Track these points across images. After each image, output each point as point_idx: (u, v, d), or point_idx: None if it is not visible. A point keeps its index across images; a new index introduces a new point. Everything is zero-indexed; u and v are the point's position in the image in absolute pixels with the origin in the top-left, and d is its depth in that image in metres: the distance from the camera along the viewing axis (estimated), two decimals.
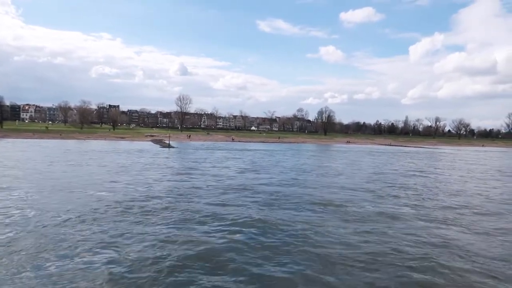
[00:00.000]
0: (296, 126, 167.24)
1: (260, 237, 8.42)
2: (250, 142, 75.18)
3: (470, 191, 16.68)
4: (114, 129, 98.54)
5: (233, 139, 77.22)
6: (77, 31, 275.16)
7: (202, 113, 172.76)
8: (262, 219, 9.94)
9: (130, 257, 6.94)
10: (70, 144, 49.98)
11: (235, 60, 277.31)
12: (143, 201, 12.03)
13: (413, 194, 15.00)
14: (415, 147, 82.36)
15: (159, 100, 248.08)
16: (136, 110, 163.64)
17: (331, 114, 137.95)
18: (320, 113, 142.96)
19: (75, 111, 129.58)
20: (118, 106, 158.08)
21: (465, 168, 29.59)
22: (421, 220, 10.49)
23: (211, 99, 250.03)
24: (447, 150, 70.08)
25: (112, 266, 6.54)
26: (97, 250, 7.29)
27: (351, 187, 16.39)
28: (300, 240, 8.26)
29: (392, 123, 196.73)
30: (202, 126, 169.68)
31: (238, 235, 8.53)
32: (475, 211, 12.06)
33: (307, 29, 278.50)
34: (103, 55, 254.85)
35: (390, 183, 18.44)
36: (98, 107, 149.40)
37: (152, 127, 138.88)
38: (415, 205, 12.73)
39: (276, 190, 15.06)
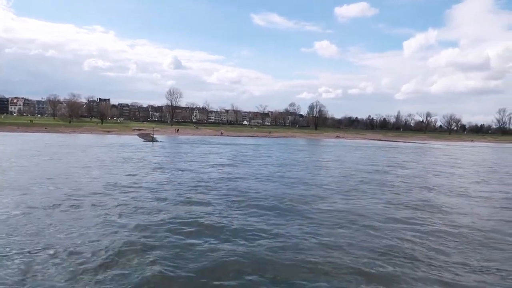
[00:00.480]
0: (288, 121, 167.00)
1: (195, 239, 8.04)
2: (239, 136, 74.74)
3: (443, 186, 16.45)
4: (102, 123, 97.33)
5: (221, 134, 76.68)
6: (70, 24, 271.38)
7: (194, 107, 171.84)
8: (206, 218, 9.57)
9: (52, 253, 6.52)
10: (53, 138, 49.12)
11: (229, 54, 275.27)
12: (98, 195, 11.57)
13: (380, 191, 14.70)
14: (404, 142, 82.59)
15: (152, 93, 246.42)
16: (127, 104, 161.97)
17: (322, 108, 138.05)
18: (311, 107, 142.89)
19: (64, 104, 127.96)
20: (108, 99, 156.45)
21: (445, 163, 29.50)
22: (379, 218, 10.19)
23: (205, 93, 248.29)
24: (435, 145, 70.36)
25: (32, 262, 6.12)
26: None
27: (318, 183, 16.08)
28: (237, 241, 7.89)
29: (384, 118, 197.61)
30: (193, 120, 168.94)
31: (165, 233, 8.12)
32: (434, 207, 11.80)
33: (301, 23, 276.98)
34: (96, 48, 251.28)
35: (363, 178, 18.17)
36: (88, 100, 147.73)
37: (143, 121, 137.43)
38: (376, 202, 12.44)
39: (244, 185, 14.70)
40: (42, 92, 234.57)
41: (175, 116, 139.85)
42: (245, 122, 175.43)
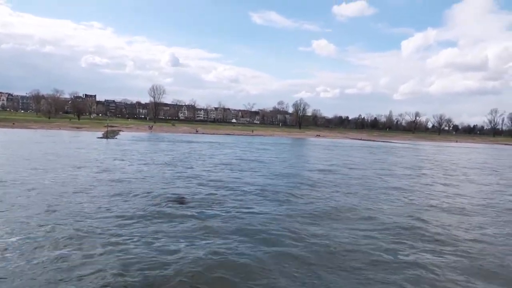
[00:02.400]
0: (277, 119, 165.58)
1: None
2: (214, 134, 73.06)
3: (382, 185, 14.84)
4: (79, 119, 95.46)
5: (197, 131, 75.01)
6: (67, 19, 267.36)
7: (182, 104, 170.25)
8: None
9: None
10: (9, 134, 47.39)
11: (227, 52, 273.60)
12: None
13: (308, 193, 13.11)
14: (385, 141, 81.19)
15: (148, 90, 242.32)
16: (113, 100, 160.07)
17: (306, 107, 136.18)
18: (295, 106, 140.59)
19: (49, 100, 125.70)
20: (94, 96, 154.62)
21: (398, 163, 27.91)
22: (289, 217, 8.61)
23: (202, 91, 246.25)
24: (413, 145, 68.93)
25: None
26: None
27: (211, 183, 14.49)
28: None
29: (375, 118, 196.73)
30: (181, 117, 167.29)
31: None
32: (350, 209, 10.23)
33: (300, 22, 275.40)
34: (94, 44, 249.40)
35: (301, 179, 16.62)
36: (73, 96, 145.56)
37: (128, 118, 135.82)
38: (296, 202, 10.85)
39: (136, 186, 13.12)
40: (39, 88, 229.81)
41: (162, 113, 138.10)
42: (233, 120, 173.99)
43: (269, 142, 55.43)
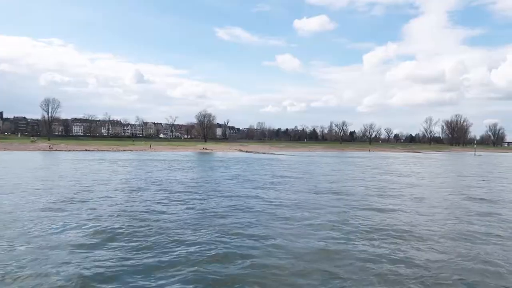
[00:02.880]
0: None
1: None
2: (73, 150, 64.62)
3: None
4: None
5: (50, 148, 66.39)
6: (25, 36, 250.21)
7: (107, 120, 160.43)
8: None
9: None
10: None
11: (194, 68, 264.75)
12: None
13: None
14: (270, 154, 76.10)
15: (115, 108, 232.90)
16: (24, 117, 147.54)
17: (211, 118, 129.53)
18: (198, 117, 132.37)
19: None
20: (1, 112, 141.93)
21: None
22: None
23: (169, 108, 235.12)
24: (291, 155, 63.98)
25: None
26: None
27: None
28: None
29: (314, 129, 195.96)
30: (104, 134, 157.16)
31: None
32: None
33: (266, 37, 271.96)
34: (54, 62, 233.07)
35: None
36: None
37: (32, 135, 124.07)
38: None
39: None
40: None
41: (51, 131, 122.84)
42: (161, 135, 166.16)
43: (129, 157, 48.02)
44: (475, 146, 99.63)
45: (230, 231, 9.92)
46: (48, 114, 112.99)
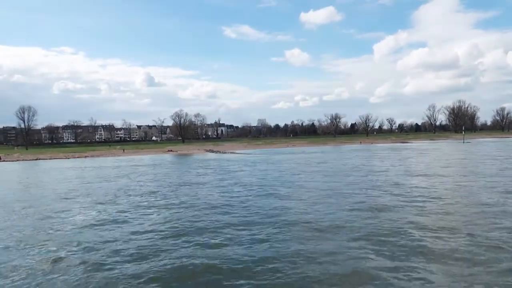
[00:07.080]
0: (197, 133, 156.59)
1: None
2: (23, 160, 62.15)
3: None
4: None
5: None
6: (37, 47, 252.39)
7: (97, 125, 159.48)
8: None
9: None
10: None
11: (203, 68, 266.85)
12: None
13: None
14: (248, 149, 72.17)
15: (128, 113, 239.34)
16: (13, 127, 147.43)
17: (189, 118, 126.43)
18: (174, 117, 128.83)
19: None
20: None
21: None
22: None
23: (181, 109, 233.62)
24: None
25: None
26: None
27: None
28: None
29: (313, 123, 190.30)
30: (97, 139, 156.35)
31: None
32: None
33: (273, 33, 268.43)
34: (66, 70, 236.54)
35: None
36: None
37: (18, 145, 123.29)
38: None
39: None
40: (12, 119, 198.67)
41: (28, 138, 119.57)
42: (154, 138, 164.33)
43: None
44: (463, 133, 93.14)
45: None
46: (24, 123, 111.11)
